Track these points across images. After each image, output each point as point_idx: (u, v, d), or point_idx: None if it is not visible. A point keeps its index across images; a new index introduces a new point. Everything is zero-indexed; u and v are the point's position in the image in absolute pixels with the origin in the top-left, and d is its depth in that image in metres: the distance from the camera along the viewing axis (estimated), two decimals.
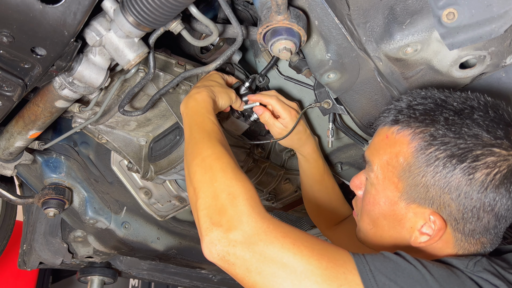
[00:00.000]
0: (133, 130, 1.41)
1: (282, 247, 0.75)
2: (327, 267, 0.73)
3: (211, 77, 1.17)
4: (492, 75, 1.00)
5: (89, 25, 0.94)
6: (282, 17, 0.90)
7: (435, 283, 0.71)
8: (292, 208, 1.83)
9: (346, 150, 1.43)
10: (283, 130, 1.25)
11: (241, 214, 0.80)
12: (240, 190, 0.84)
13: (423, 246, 0.85)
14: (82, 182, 1.60)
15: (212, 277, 2.28)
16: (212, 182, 0.86)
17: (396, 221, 0.87)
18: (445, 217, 0.82)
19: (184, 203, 1.69)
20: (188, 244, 1.93)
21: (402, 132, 0.85)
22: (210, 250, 0.79)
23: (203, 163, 0.91)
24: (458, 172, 0.79)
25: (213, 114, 1.05)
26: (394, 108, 0.89)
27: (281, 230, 0.78)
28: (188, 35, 1.03)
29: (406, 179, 0.84)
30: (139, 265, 2.14)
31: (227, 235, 0.78)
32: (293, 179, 1.67)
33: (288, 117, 1.23)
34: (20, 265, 1.90)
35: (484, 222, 0.81)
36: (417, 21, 0.91)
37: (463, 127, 0.80)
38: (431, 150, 0.81)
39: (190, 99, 1.08)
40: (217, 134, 0.98)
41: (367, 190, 0.93)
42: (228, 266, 0.78)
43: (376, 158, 0.89)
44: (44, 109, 1.13)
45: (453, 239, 0.84)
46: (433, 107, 0.84)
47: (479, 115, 0.81)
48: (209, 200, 0.84)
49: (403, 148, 0.84)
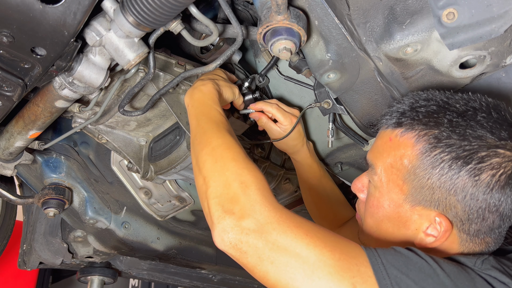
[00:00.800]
0: (133, 130, 1.41)
1: (295, 237, 0.75)
2: (340, 259, 0.72)
3: (215, 72, 1.18)
4: (492, 75, 1.00)
5: (89, 25, 0.94)
6: (282, 17, 0.90)
7: (446, 278, 0.71)
8: (292, 208, 1.83)
9: (346, 150, 1.43)
10: (281, 134, 1.26)
11: (254, 202, 0.79)
12: (252, 179, 0.83)
13: (429, 248, 0.86)
14: (82, 182, 1.60)
15: (212, 277, 2.27)
16: (223, 171, 0.86)
17: (400, 223, 0.87)
18: (451, 219, 0.82)
19: (184, 203, 1.69)
20: (188, 244, 1.93)
21: (406, 134, 0.85)
22: (222, 238, 0.78)
23: (213, 152, 0.90)
24: (464, 174, 0.79)
25: (219, 105, 1.05)
26: (397, 110, 0.89)
27: (294, 220, 0.78)
28: (188, 35, 1.03)
29: (411, 182, 0.84)
30: (139, 265, 2.14)
31: (240, 222, 0.77)
32: (293, 179, 1.67)
33: (289, 123, 1.26)
34: (20, 265, 1.90)
35: (489, 222, 0.82)
36: (417, 21, 0.91)
37: (467, 128, 0.80)
38: (436, 152, 0.81)
39: (195, 90, 1.07)
40: (225, 125, 0.98)
41: (371, 193, 0.92)
42: (240, 255, 0.77)
43: (380, 161, 0.89)
44: (44, 109, 1.13)
45: (459, 239, 0.84)
46: (436, 109, 0.85)
47: (483, 117, 0.81)
48: (220, 189, 0.83)
49: (407, 151, 0.84)
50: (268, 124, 1.25)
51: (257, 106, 1.26)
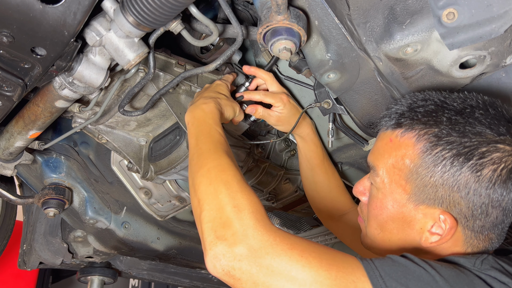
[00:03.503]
0: (133, 130, 1.41)
1: (290, 260, 0.74)
2: (337, 277, 0.72)
3: (217, 88, 1.17)
4: (492, 75, 1.00)
5: (89, 25, 0.94)
6: (282, 17, 0.90)
7: (445, 283, 0.71)
8: (292, 208, 1.83)
9: (346, 150, 1.43)
10: (278, 117, 1.25)
11: (247, 227, 0.78)
12: (245, 203, 0.82)
13: (434, 246, 0.86)
14: (82, 182, 1.60)
15: (212, 277, 2.28)
16: (217, 194, 0.85)
17: (405, 223, 0.87)
18: (455, 216, 0.83)
19: (184, 203, 1.69)
20: (188, 244, 1.93)
21: (406, 134, 0.86)
22: (214, 264, 0.77)
23: (208, 174, 0.89)
24: (466, 170, 0.80)
25: (220, 125, 1.04)
26: (395, 112, 0.90)
27: (288, 242, 0.77)
28: (188, 35, 1.03)
29: (414, 181, 0.84)
30: (139, 265, 2.14)
31: (232, 249, 0.76)
32: (293, 179, 1.67)
33: (281, 103, 1.24)
34: (20, 265, 1.90)
35: (492, 218, 0.82)
36: (417, 21, 0.91)
37: (466, 125, 0.81)
38: (437, 150, 0.81)
39: (197, 109, 1.06)
40: (224, 146, 0.97)
41: (373, 195, 0.93)
42: (233, 282, 0.76)
43: (381, 163, 0.90)
44: (44, 109, 1.13)
45: (463, 236, 0.84)
46: (434, 108, 0.85)
47: (480, 113, 0.82)
48: (213, 213, 0.82)
49: (408, 151, 0.85)
50: (265, 112, 1.25)
51: (253, 70, 1.25)
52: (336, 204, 1.40)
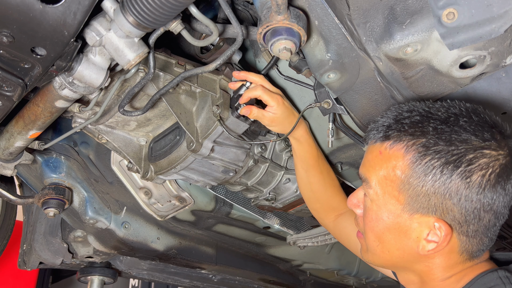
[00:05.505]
0: (133, 130, 1.41)
1: None
2: None
3: None
4: (492, 75, 1.00)
5: (89, 25, 0.94)
6: (282, 17, 0.90)
7: None
8: (292, 208, 1.82)
9: (346, 150, 1.43)
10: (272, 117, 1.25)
11: None
12: None
13: (432, 254, 0.88)
14: (82, 182, 1.60)
15: (212, 277, 2.27)
16: None
17: (401, 233, 0.89)
18: (449, 222, 0.85)
19: (184, 203, 1.69)
20: (188, 244, 1.93)
21: (395, 146, 0.88)
22: None
23: None
24: (456, 178, 0.82)
25: None
26: (382, 124, 0.92)
27: None
28: (188, 35, 1.03)
29: (407, 191, 0.86)
30: (139, 265, 2.14)
31: None
32: (293, 179, 1.67)
33: (276, 104, 1.23)
34: (20, 265, 1.90)
35: (485, 222, 0.84)
36: (417, 21, 0.91)
37: (452, 134, 0.83)
38: (427, 160, 0.83)
39: None
40: None
41: (368, 207, 0.94)
42: None
43: (373, 175, 0.91)
44: (44, 109, 1.13)
45: (458, 242, 0.87)
46: (419, 119, 0.87)
47: (464, 121, 0.84)
48: None
49: (398, 162, 0.87)
50: (260, 113, 1.25)
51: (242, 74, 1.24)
52: (332, 203, 1.40)
